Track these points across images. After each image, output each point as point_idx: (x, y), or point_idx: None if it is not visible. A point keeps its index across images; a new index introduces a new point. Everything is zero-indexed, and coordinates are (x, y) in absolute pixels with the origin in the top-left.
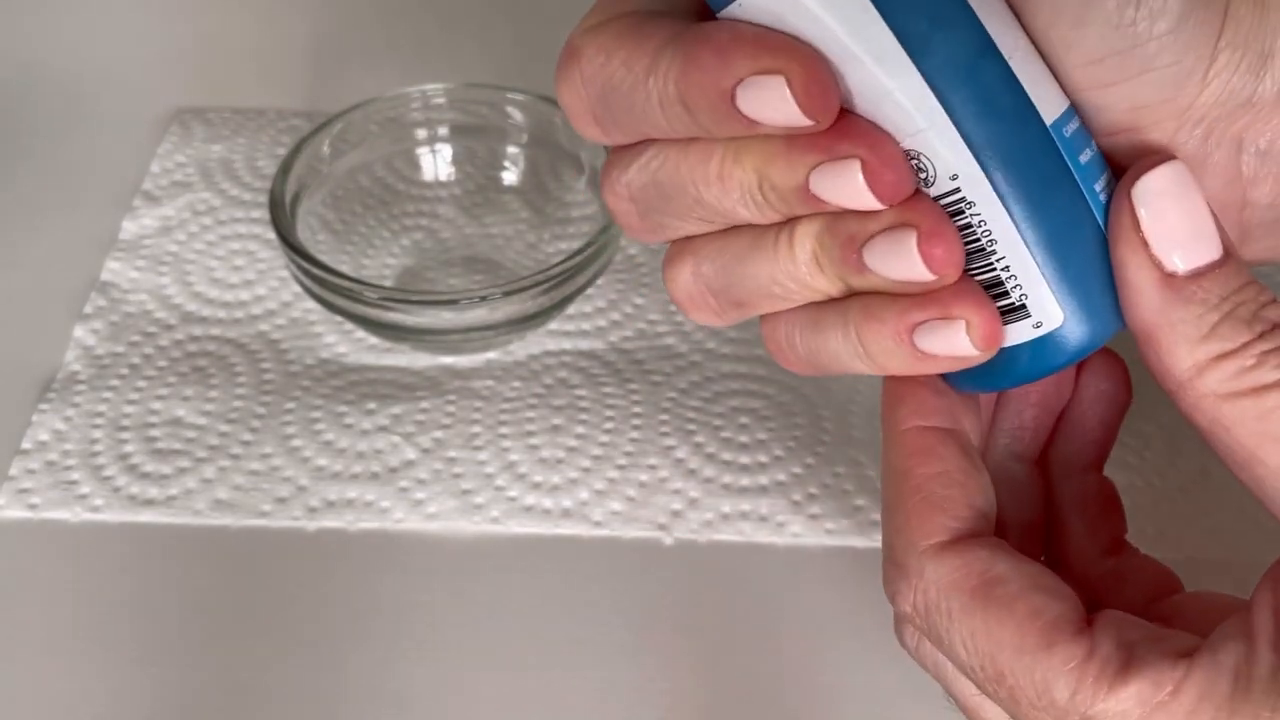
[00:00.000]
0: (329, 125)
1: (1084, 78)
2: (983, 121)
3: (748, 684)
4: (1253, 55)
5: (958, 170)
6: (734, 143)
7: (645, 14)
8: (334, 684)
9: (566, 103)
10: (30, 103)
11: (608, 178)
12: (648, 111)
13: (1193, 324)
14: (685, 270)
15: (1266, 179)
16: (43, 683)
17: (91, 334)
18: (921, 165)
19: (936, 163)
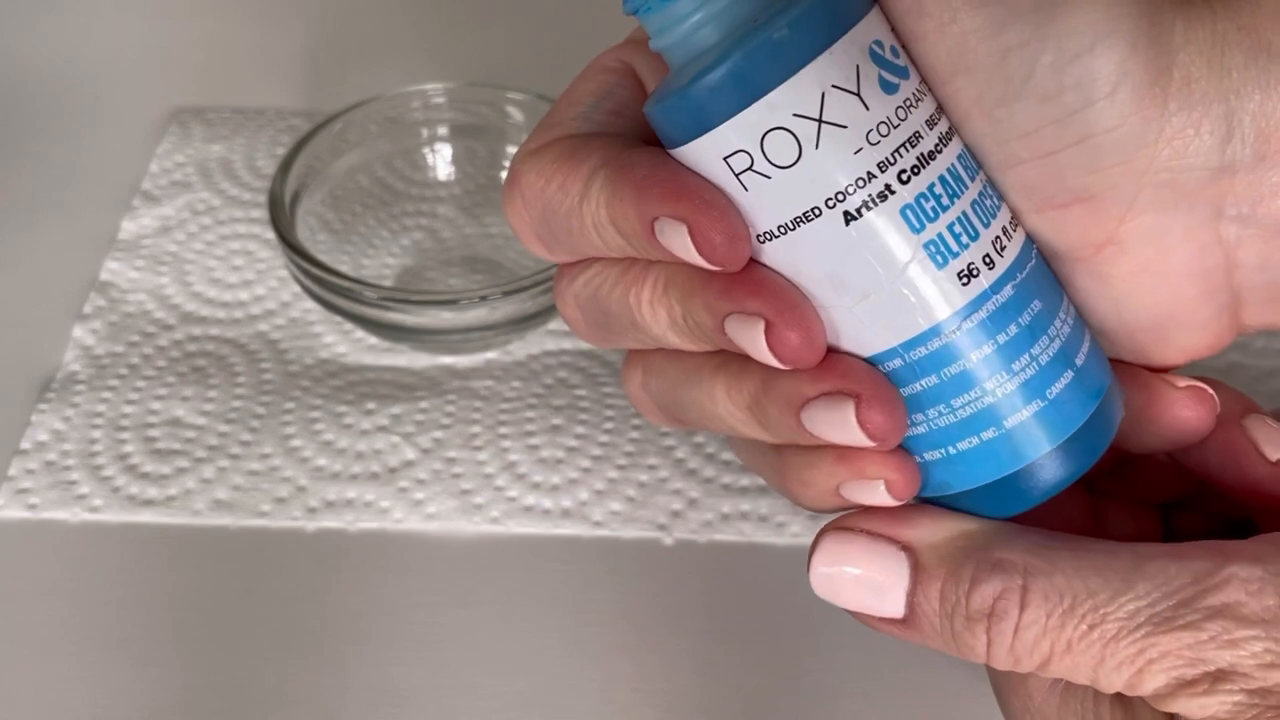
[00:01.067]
0: (329, 125)
1: (1024, 148)
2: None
3: (748, 684)
4: (1214, 118)
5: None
6: (665, 269)
7: (582, 137)
8: (334, 684)
9: (512, 224)
10: (30, 103)
11: (557, 287)
12: (585, 234)
13: (945, 639)
14: (635, 380)
15: (1253, 241)
16: (43, 682)
17: (91, 334)
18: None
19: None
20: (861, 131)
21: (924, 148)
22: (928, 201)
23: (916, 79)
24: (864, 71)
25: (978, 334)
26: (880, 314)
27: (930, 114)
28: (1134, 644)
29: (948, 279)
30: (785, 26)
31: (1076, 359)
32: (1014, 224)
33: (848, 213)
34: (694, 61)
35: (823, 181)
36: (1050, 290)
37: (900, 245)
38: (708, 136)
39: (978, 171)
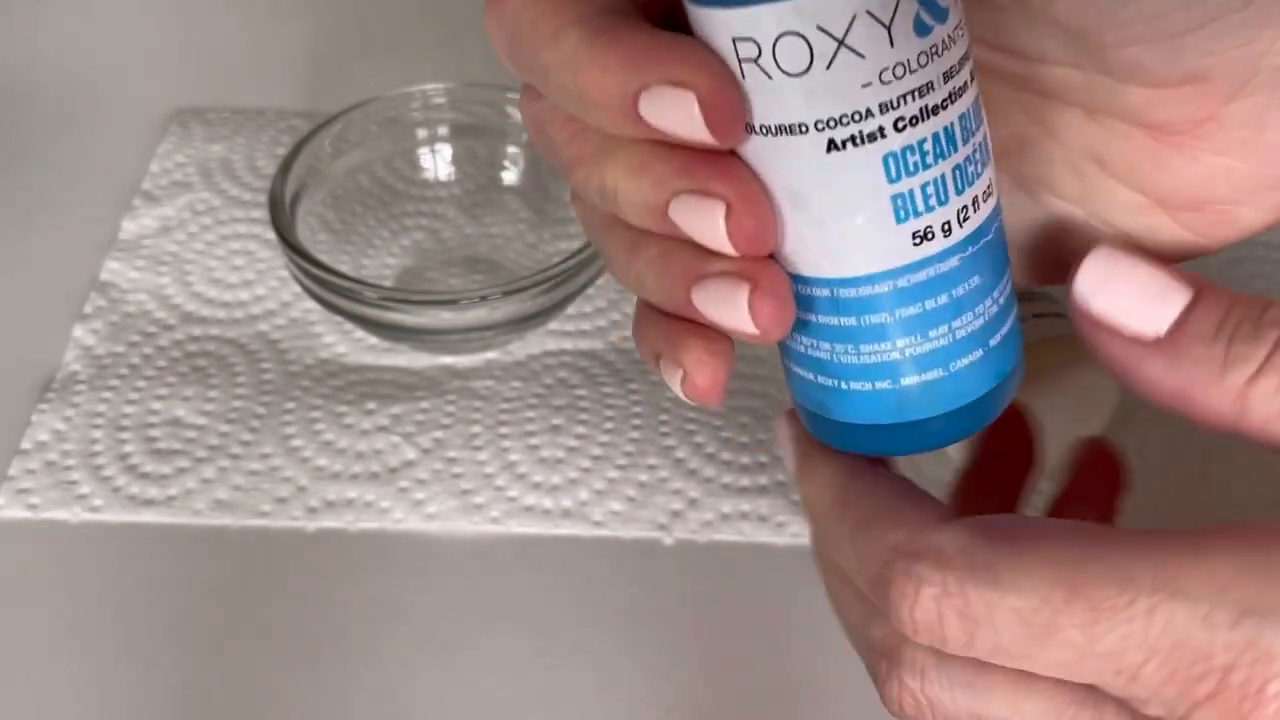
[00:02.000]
0: (329, 125)
1: (1146, 30)
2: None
3: (748, 684)
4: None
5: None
6: (609, 141)
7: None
8: (334, 684)
9: (490, 33)
10: (30, 103)
11: (521, 95)
12: (544, 80)
13: (1204, 365)
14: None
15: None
16: (43, 682)
17: (91, 334)
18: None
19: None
20: (877, 67)
21: (931, 100)
22: (912, 155)
23: (955, 20)
24: (903, 7)
25: (908, 294)
26: (825, 244)
27: (953, 63)
28: None
29: (901, 235)
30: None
31: (992, 340)
32: (987, 193)
33: (832, 140)
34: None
35: (820, 102)
36: (994, 267)
37: (870, 189)
38: (727, 10)
39: (976, 129)
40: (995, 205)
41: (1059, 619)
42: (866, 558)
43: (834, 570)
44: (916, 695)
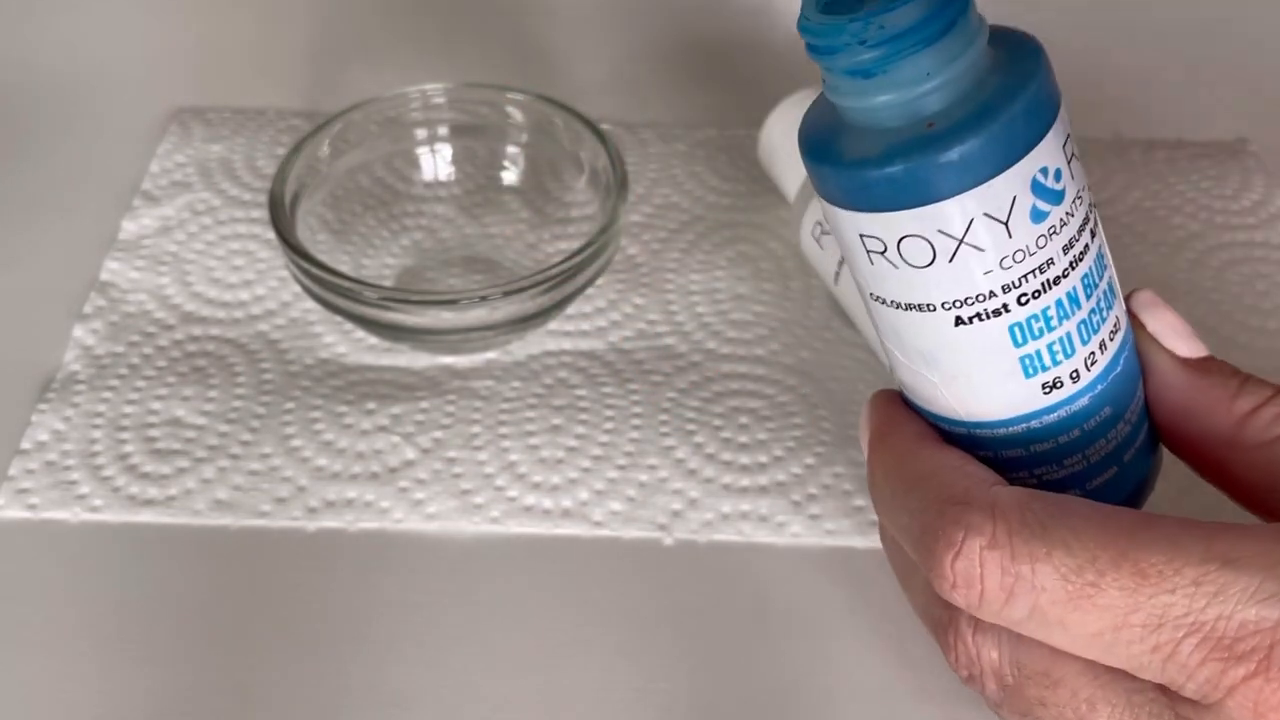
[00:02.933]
0: (329, 125)
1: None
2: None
3: (748, 684)
4: None
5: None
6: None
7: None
8: (334, 683)
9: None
10: (30, 103)
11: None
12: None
13: (1221, 388)
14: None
15: None
16: (42, 683)
17: (91, 334)
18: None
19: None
20: (997, 256)
21: (1052, 273)
22: (1037, 323)
23: (1072, 195)
24: (1019, 202)
25: (1041, 433)
26: (960, 396)
27: (1072, 236)
28: None
29: (1032, 387)
30: (957, 151)
31: (1125, 456)
32: (1114, 333)
33: (959, 318)
34: (866, 138)
35: (946, 289)
36: (1124, 394)
37: (998, 354)
38: (847, 213)
39: (1100, 280)
40: (1123, 337)
41: (1104, 579)
42: (920, 512)
43: (894, 544)
44: (970, 651)
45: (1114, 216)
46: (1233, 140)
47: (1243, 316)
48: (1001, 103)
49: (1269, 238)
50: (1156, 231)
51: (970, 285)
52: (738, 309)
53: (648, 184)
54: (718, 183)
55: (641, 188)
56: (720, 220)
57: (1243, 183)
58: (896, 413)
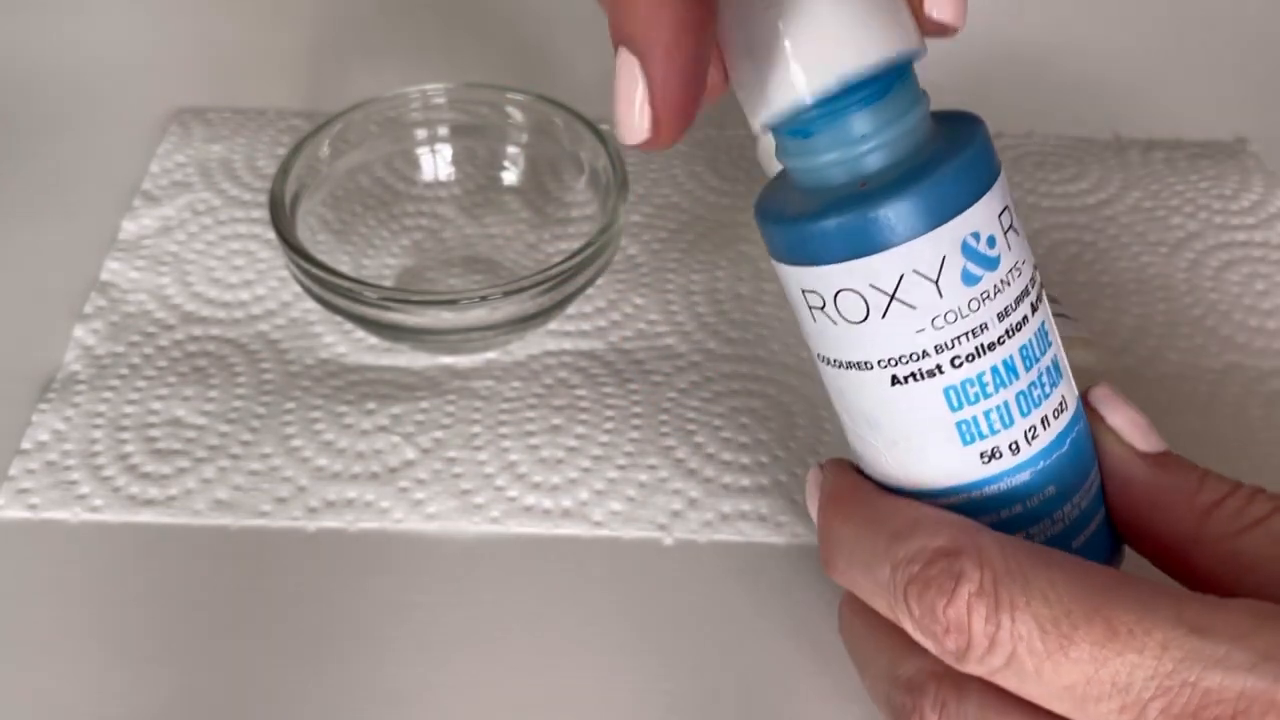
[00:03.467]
0: (329, 125)
1: None
2: None
3: (748, 684)
4: None
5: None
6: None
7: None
8: (333, 683)
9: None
10: (30, 103)
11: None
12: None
13: (1182, 482)
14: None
15: None
16: (43, 682)
17: (91, 334)
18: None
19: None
20: (928, 315)
21: (987, 338)
22: (972, 388)
23: (1008, 265)
24: (949, 262)
25: (981, 505)
26: (901, 462)
27: (1008, 304)
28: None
29: (970, 455)
30: (886, 208)
31: (1073, 542)
32: (1059, 410)
33: (895, 377)
34: (808, 197)
35: (880, 346)
36: (1071, 476)
37: (934, 417)
38: (790, 268)
39: (1042, 355)
40: (1070, 419)
41: (1076, 633)
42: (904, 564)
43: (860, 611)
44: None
45: (1113, 216)
46: (1232, 140)
47: (1242, 316)
48: (932, 165)
49: (1268, 238)
50: (1156, 231)
51: (904, 343)
52: (738, 309)
53: (648, 184)
54: (718, 183)
55: (641, 188)
56: (720, 220)
57: (1242, 182)
58: (852, 475)
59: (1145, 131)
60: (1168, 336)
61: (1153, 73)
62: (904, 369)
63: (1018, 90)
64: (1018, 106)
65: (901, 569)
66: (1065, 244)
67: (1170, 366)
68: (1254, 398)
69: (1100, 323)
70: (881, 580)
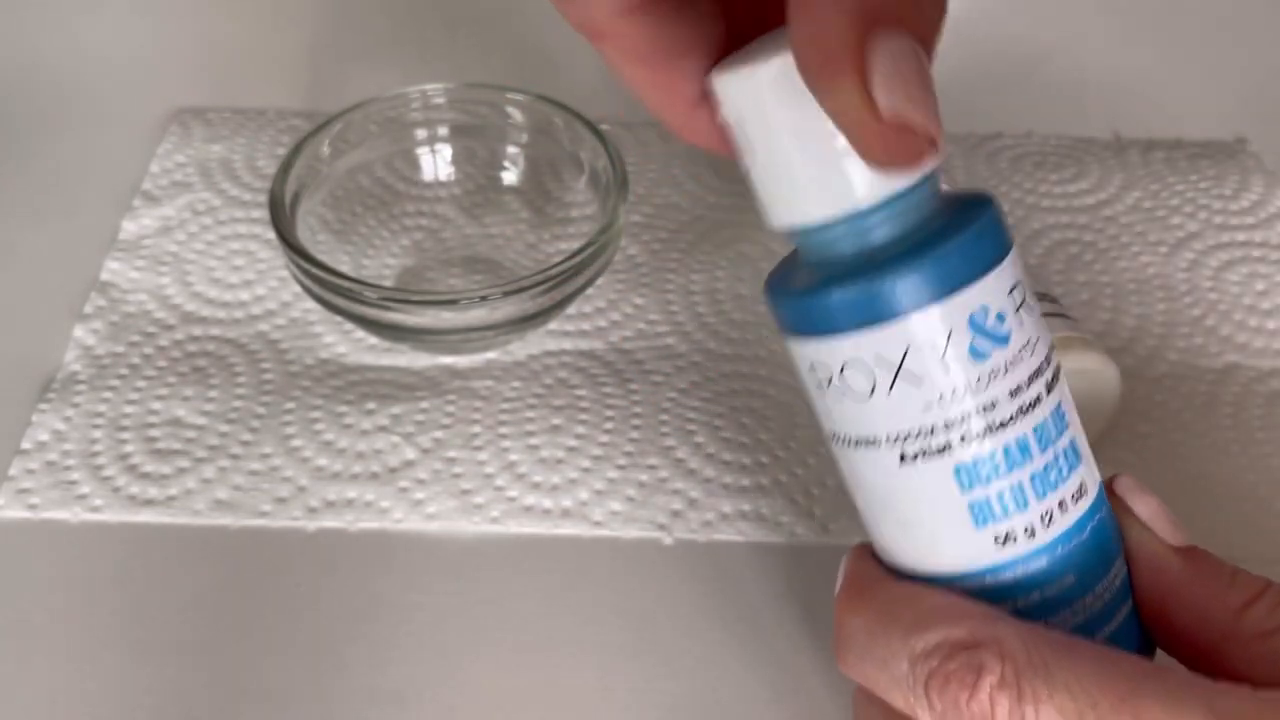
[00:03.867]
0: (329, 125)
1: None
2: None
3: (748, 684)
4: None
5: None
6: None
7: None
8: (334, 683)
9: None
10: (30, 103)
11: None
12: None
13: (1214, 577)
14: None
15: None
16: (42, 683)
17: (91, 334)
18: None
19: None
20: (936, 391)
21: (997, 416)
22: (984, 467)
23: (1019, 343)
24: (955, 338)
25: (996, 592)
26: (914, 545)
27: (1020, 381)
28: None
29: (984, 538)
30: (888, 280)
31: (1097, 635)
32: (1078, 495)
33: (903, 454)
34: (815, 270)
35: (888, 422)
36: (1092, 566)
37: (945, 497)
38: (798, 341)
39: (1058, 437)
40: (1091, 505)
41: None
42: (923, 657)
43: (872, 708)
44: None
45: (1114, 216)
46: (1232, 140)
47: (1242, 316)
48: (939, 238)
49: (1268, 238)
50: (1156, 231)
51: (911, 419)
52: (738, 309)
53: (648, 184)
54: (718, 183)
55: (641, 188)
56: (720, 220)
57: (1242, 182)
58: (868, 564)
59: (1145, 131)
60: (1167, 336)
61: (1153, 73)
62: (912, 446)
63: (1018, 90)
64: (1018, 106)
65: (920, 663)
66: (1065, 244)
67: (1170, 366)
68: (1254, 397)
69: (1100, 323)
70: (898, 675)
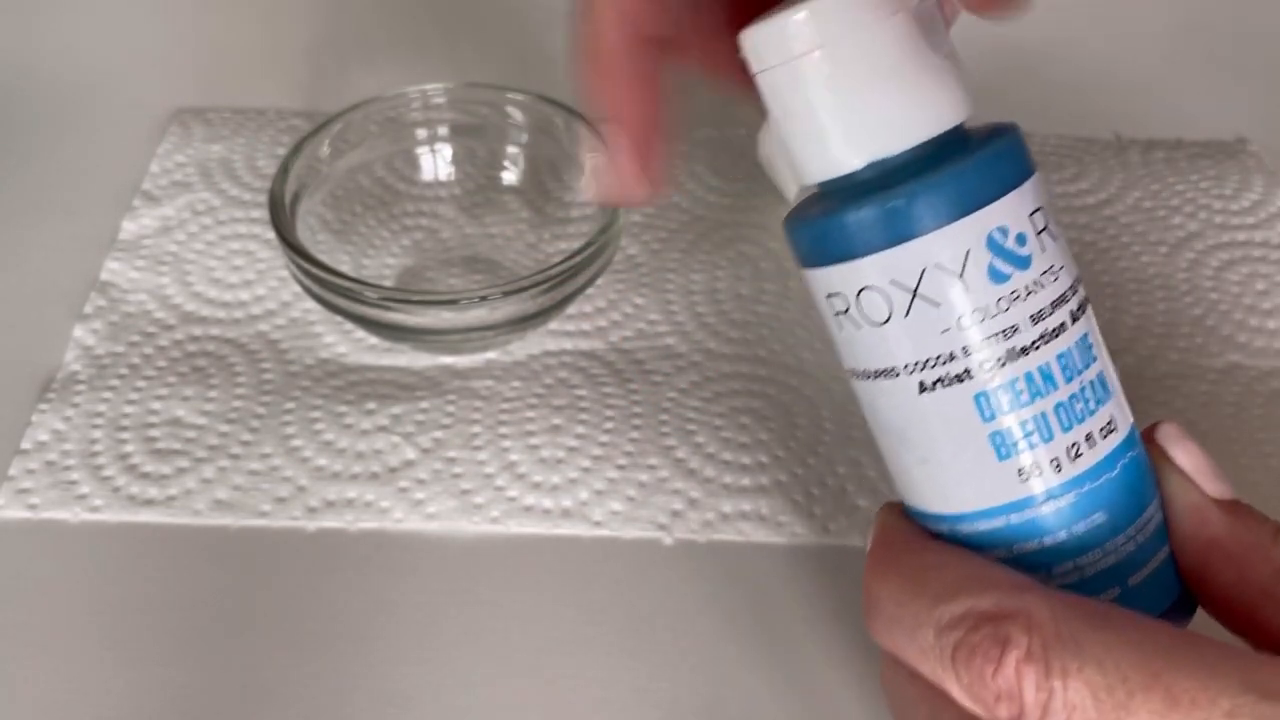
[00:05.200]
0: (329, 125)
1: None
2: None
3: (748, 684)
4: None
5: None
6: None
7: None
8: (334, 684)
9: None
10: (30, 103)
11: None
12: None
13: (1255, 533)
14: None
15: None
16: (42, 683)
17: (91, 334)
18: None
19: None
20: (954, 314)
21: (1019, 341)
22: (1006, 395)
23: (1042, 267)
24: (974, 257)
25: (1022, 531)
26: (933, 482)
27: (1043, 306)
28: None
29: (1007, 472)
30: (905, 198)
31: (1130, 579)
32: (1107, 429)
33: (922, 383)
34: (831, 199)
35: (906, 349)
36: (1124, 505)
37: (966, 428)
38: (816, 269)
39: (1085, 368)
40: (1121, 442)
41: (1133, 701)
42: (949, 628)
43: (900, 670)
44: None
45: (1114, 216)
46: (1232, 140)
47: (1242, 316)
48: (955, 159)
49: (1268, 237)
50: (1156, 231)
51: (930, 345)
52: (738, 309)
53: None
54: (718, 183)
55: None
56: (720, 220)
57: (1242, 182)
58: (897, 523)
59: (1146, 131)
60: (1168, 336)
61: (1153, 72)
62: (931, 373)
63: (1018, 90)
64: (1018, 106)
65: (946, 634)
66: None
67: (1170, 366)
68: (1254, 397)
69: (1101, 323)
70: (925, 645)
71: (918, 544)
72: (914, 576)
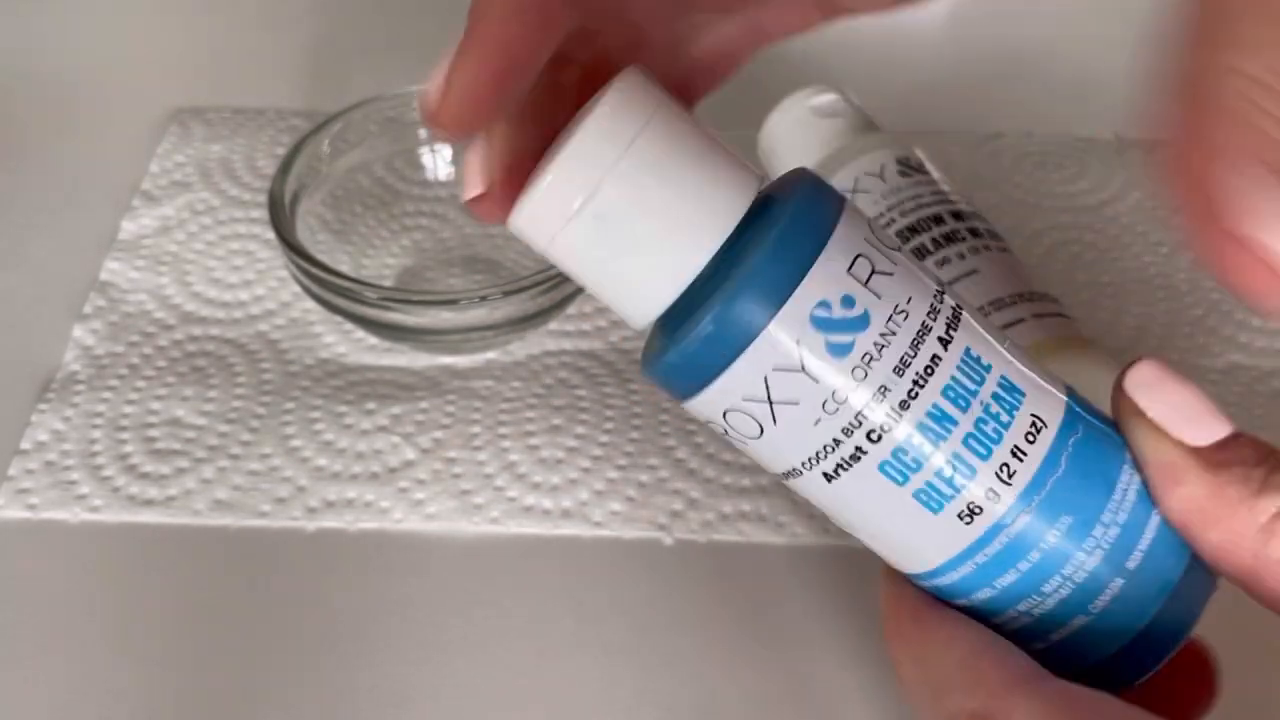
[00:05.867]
0: (329, 125)
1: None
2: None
3: (748, 684)
4: None
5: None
6: None
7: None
8: (334, 684)
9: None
10: (30, 103)
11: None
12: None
13: (1239, 486)
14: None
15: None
16: (42, 683)
17: (91, 334)
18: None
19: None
20: (816, 404)
21: (895, 398)
22: (907, 454)
23: (884, 314)
24: (806, 344)
25: (994, 567)
26: (892, 552)
27: (904, 352)
28: None
29: (949, 520)
30: (711, 322)
31: (1128, 562)
32: (1033, 432)
33: (825, 474)
34: (661, 332)
35: (793, 450)
36: (1087, 492)
37: (888, 498)
38: (685, 405)
39: (979, 386)
40: (1056, 434)
41: None
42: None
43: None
44: None
45: (1114, 216)
46: None
47: (1243, 316)
48: (742, 262)
49: None
50: (1156, 231)
51: (811, 440)
52: None
53: None
54: None
55: None
56: None
57: None
58: (896, 590)
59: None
60: (1169, 336)
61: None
62: (828, 463)
63: (1018, 90)
64: (1018, 106)
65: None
66: (1066, 244)
67: (1172, 366)
68: (1256, 398)
69: (1101, 323)
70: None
71: (921, 615)
72: (918, 658)
